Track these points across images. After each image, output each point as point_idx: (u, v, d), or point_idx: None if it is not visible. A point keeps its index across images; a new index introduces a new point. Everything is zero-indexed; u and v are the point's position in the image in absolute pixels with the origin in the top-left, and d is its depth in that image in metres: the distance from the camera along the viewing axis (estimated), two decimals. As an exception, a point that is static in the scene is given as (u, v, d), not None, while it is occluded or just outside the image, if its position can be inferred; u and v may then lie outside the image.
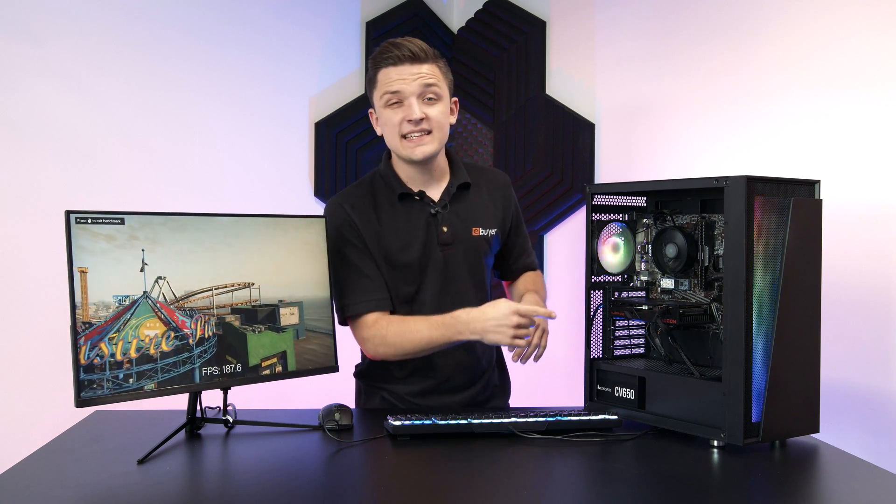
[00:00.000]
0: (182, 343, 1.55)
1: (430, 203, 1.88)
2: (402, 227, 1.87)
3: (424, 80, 1.79)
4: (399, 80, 1.79)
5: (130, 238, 1.49)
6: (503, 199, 1.99)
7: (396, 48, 1.79)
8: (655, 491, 1.35)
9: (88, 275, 1.43)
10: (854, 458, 1.54)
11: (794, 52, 2.38)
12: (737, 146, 2.56)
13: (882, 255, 2.11)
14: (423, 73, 1.79)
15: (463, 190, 1.92)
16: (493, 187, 1.98)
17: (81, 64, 2.72)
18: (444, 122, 1.84)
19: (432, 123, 1.81)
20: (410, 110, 1.79)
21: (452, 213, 1.90)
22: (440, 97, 1.82)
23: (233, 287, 1.62)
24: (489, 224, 1.94)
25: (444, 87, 1.84)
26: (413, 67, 1.79)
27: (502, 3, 3.36)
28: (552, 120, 3.24)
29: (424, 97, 1.80)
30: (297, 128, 3.22)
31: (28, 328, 2.61)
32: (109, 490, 1.31)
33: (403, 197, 1.88)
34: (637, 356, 1.86)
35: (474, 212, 1.93)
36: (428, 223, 1.87)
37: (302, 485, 1.36)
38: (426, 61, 1.81)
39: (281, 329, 1.68)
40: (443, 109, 1.83)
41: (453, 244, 1.88)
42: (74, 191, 2.68)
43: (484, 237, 1.93)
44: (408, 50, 1.79)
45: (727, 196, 1.53)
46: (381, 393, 1.94)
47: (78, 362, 1.41)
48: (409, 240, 1.86)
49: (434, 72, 1.82)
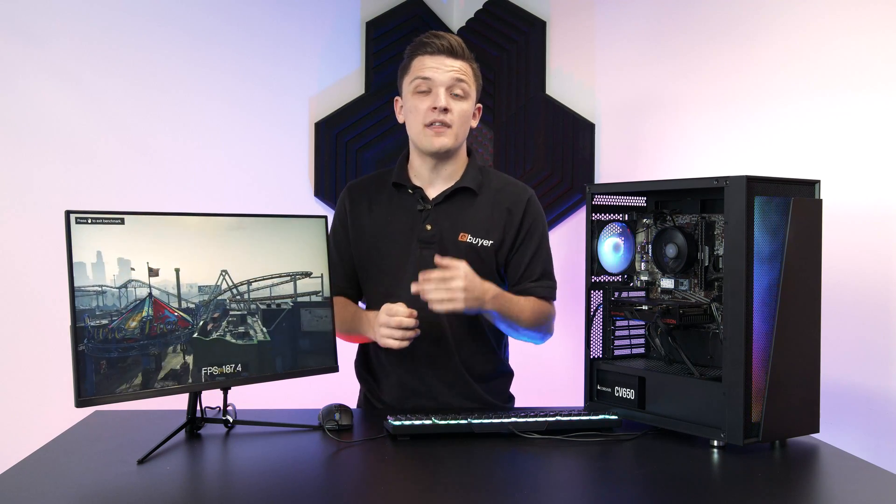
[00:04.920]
0: (183, 342, 1.55)
1: (421, 199, 1.89)
2: (389, 218, 1.90)
3: (456, 75, 1.83)
4: (433, 67, 1.83)
5: (130, 238, 1.49)
6: (509, 214, 1.91)
7: (436, 38, 1.84)
8: (655, 491, 1.35)
9: (89, 275, 1.43)
10: (854, 458, 1.54)
11: (794, 52, 2.38)
12: (737, 146, 2.56)
13: (882, 255, 2.10)
14: (455, 68, 1.83)
15: (463, 194, 1.90)
16: (504, 200, 1.92)
17: (81, 64, 2.72)
18: (465, 120, 1.87)
19: (454, 118, 1.83)
20: (437, 98, 1.82)
21: (442, 213, 1.88)
22: (467, 95, 1.86)
23: (239, 284, 1.62)
24: (483, 234, 1.88)
25: (472, 87, 1.87)
26: (448, 60, 1.83)
27: (502, 3, 3.36)
28: (552, 120, 3.24)
29: (452, 91, 1.83)
30: (297, 128, 3.22)
31: (28, 328, 2.61)
32: (109, 490, 1.31)
33: (398, 188, 1.90)
34: (637, 356, 1.86)
35: (468, 217, 1.89)
36: (413, 219, 1.88)
37: (302, 485, 1.36)
38: (461, 58, 1.85)
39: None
40: (467, 108, 1.86)
41: (435, 244, 1.86)
42: (74, 191, 2.68)
43: (472, 245, 1.87)
44: (447, 42, 1.83)
45: (727, 196, 1.53)
46: (368, 396, 1.96)
47: (78, 362, 1.41)
48: (391, 232, 1.89)
49: (466, 70, 1.86)
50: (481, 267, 1.81)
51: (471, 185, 1.90)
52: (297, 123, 3.22)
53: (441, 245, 1.86)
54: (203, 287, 1.58)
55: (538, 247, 1.93)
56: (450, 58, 1.83)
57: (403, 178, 1.91)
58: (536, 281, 1.92)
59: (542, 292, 1.92)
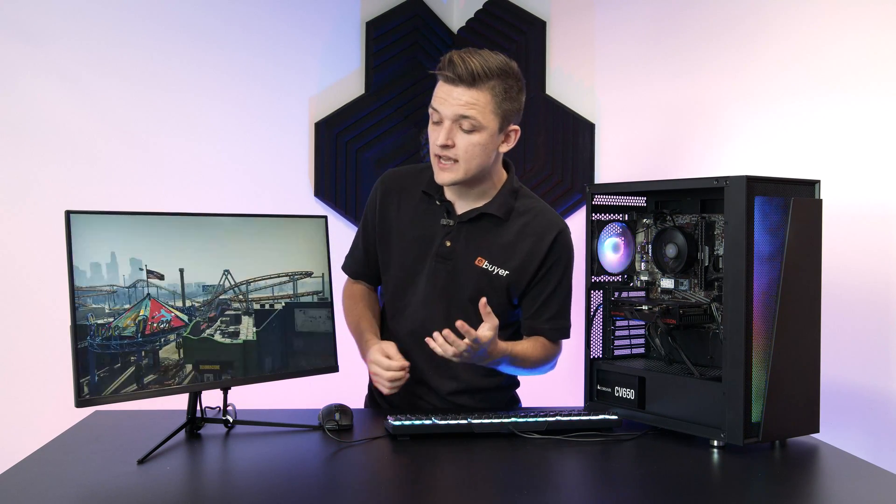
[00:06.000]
0: (183, 342, 1.55)
1: (447, 213, 1.85)
2: (413, 223, 1.87)
3: (462, 111, 1.70)
4: (441, 98, 1.72)
5: (130, 238, 1.49)
6: (532, 246, 1.82)
7: (453, 67, 1.69)
8: (655, 491, 1.35)
9: (89, 275, 1.43)
10: (854, 458, 1.54)
11: (793, 52, 2.38)
12: (737, 146, 2.56)
13: (882, 255, 2.10)
14: (463, 101, 1.69)
15: (491, 218, 1.83)
16: (530, 230, 1.83)
17: (81, 64, 2.72)
18: (474, 154, 1.73)
19: (458, 153, 1.73)
20: (438, 134, 1.73)
21: (464, 232, 1.84)
22: (478, 128, 1.71)
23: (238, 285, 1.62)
24: (500, 263, 1.81)
25: (488, 117, 1.71)
26: (457, 90, 1.70)
27: (502, 3, 3.36)
28: (552, 120, 3.24)
29: (461, 126, 1.72)
30: (297, 128, 3.22)
31: (28, 328, 2.61)
32: (109, 490, 1.30)
33: (427, 195, 1.87)
34: (637, 356, 1.86)
35: (488, 243, 1.83)
36: (435, 231, 1.85)
37: (302, 485, 1.36)
38: (475, 86, 1.69)
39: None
40: (478, 141, 1.72)
41: (450, 261, 1.82)
42: (74, 191, 2.68)
43: (486, 271, 1.81)
44: (462, 70, 1.68)
45: (727, 196, 1.53)
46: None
47: (78, 362, 1.41)
48: (413, 238, 1.86)
49: (480, 100, 1.70)
50: (491, 294, 1.75)
51: (496, 212, 1.82)
52: (297, 123, 3.22)
53: (456, 264, 1.82)
54: (207, 287, 1.59)
55: (558, 284, 1.85)
56: (461, 87, 1.69)
57: (434, 189, 1.86)
58: (550, 320, 1.85)
59: (552, 336, 1.87)
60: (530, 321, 1.86)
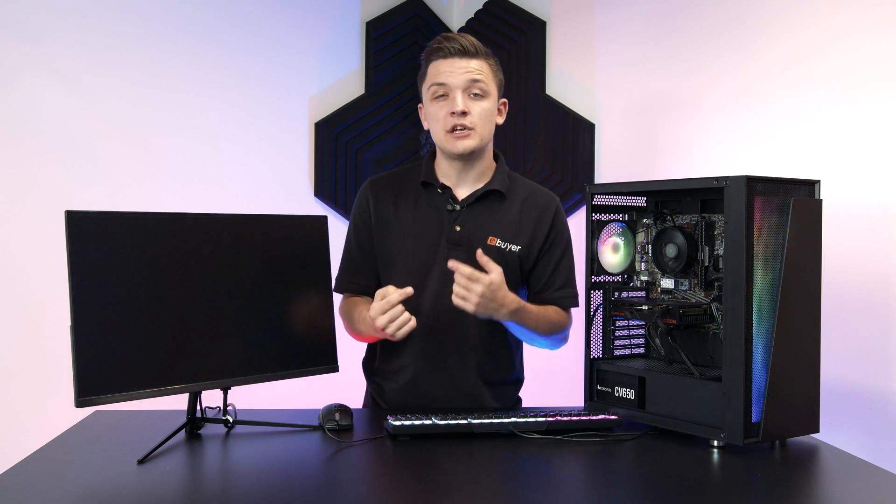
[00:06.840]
0: (185, 342, 1.55)
1: (451, 199, 1.87)
2: (416, 217, 1.87)
3: (471, 76, 1.79)
4: (447, 72, 1.80)
5: (130, 238, 1.49)
6: (537, 221, 1.88)
7: (448, 41, 1.80)
8: (655, 491, 1.35)
9: (89, 274, 1.43)
10: (854, 458, 1.54)
11: (793, 52, 2.38)
12: (737, 146, 2.57)
13: (882, 255, 2.11)
14: (470, 69, 1.79)
15: (493, 196, 1.87)
16: (532, 204, 1.89)
17: (81, 64, 2.72)
18: (487, 119, 1.82)
19: (475, 119, 1.80)
20: (454, 103, 1.78)
21: (471, 214, 1.86)
22: (486, 94, 1.81)
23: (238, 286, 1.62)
24: (511, 239, 1.86)
25: (491, 84, 1.83)
26: (461, 61, 1.79)
27: (502, 3, 3.36)
28: (552, 120, 3.24)
29: (470, 92, 1.79)
30: (297, 128, 3.22)
31: (28, 328, 2.61)
32: (109, 490, 1.31)
33: (427, 186, 1.88)
34: (637, 356, 1.86)
35: (497, 221, 1.86)
36: (442, 219, 1.86)
37: (302, 485, 1.36)
38: (476, 57, 1.81)
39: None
40: (488, 107, 1.82)
41: (463, 246, 1.83)
42: (74, 191, 2.68)
43: (500, 249, 1.84)
44: (458, 44, 1.79)
45: (727, 196, 1.53)
46: (374, 391, 1.96)
47: (78, 362, 1.41)
48: (419, 231, 1.86)
49: (483, 68, 1.81)
50: (507, 272, 1.75)
51: (500, 188, 1.87)
52: (297, 123, 3.22)
53: (469, 247, 1.82)
54: (208, 286, 1.58)
55: (563, 255, 1.91)
56: (463, 58, 1.79)
57: (432, 178, 1.88)
58: (560, 289, 1.90)
59: (565, 303, 1.91)
60: (540, 294, 1.90)
